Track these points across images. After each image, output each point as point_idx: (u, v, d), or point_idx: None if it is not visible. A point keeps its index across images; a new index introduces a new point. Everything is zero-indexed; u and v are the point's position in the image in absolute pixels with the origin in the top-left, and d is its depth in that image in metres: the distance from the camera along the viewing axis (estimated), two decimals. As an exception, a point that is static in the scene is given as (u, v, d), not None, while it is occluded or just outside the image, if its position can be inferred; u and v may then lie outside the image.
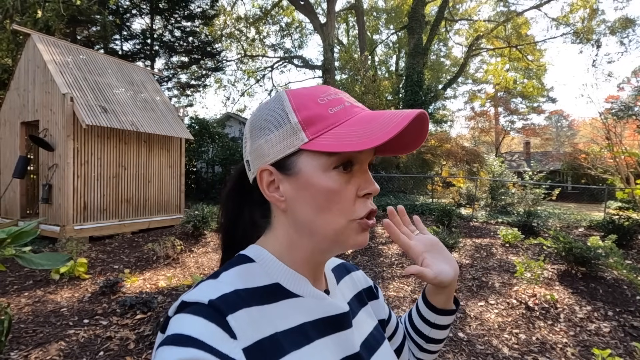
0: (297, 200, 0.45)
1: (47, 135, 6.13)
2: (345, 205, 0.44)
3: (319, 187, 0.43)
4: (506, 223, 7.79)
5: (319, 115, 0.44)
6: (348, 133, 0.42)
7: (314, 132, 0.43)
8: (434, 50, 25.55)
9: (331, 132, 0.43)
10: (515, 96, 27.58)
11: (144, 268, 4.89)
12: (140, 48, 15.98)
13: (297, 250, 0.48)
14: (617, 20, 18.84)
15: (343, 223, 0.45)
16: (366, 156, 0.47)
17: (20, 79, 6.77)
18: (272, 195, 0.47)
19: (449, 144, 11.15)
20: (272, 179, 0.46)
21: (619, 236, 5.55)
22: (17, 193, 6.79)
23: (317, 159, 0.43)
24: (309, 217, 0.45)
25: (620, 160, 7.99)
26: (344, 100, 0.46)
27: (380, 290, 0.68)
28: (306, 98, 0.46)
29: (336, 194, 0.44)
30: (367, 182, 0.46)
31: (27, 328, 3.03)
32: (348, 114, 0.44)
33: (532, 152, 26.91)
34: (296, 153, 0.44)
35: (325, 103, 0.45)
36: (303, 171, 0.44)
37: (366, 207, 0.46)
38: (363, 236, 0.47)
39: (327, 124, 0.43)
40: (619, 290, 4.00)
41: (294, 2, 18.51)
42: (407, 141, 0.50)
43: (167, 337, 0.36)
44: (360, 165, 0.46)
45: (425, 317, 0.64)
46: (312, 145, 0.42)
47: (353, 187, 0.45)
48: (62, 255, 1.39)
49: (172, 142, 7.77)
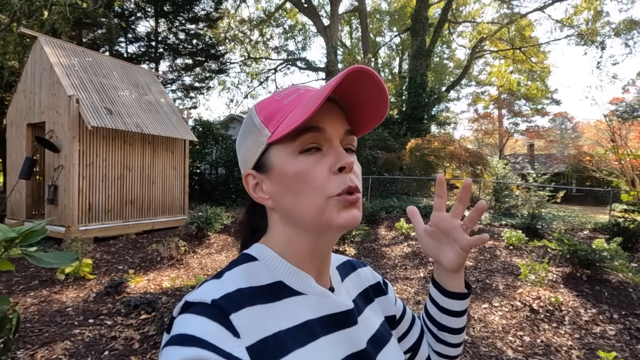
0: (277, 193, 0.47)
1: (53, 136, 6.19)
2: (319, 182, 0.44)
3: (290, 173, 0.44)
4: (510, 225, 7.76)
5: (276, 109, 0.47)
6: (297, 112, 0.43)
7: (274, 124, 0.45)
8: (437, 52, 25.55)
9: (286, 118, 0.45)
10: (519, 98, 27.50)
11: (148, 269, 4.92)
12: (145, 50, 16.12)
13: (295, 246, 0.48)
14: (621, 22, 18.77)
15: (321, 201, 0.44)
16: (333, 134, 0.46)
17: (27, 81, 6.84)
18: (258, 196, 0.49)
19: (453, 146, 11.11)
20: (255, 181, 0.49)
21: (624, 239, 5.51)
22: (23, 194, 6.86)
23: (283, 149, 0.45)
24: (292, 205, 0.46)
25: (625, 163, 7.93)
26: (298, 90, 0.48)
27: (390, 285, 0.67)
28: (266, 100, 0.49)
29: (307, 174, 0.44)
30: (339, 156, 0.45)
31: (33, 327, 3.05)
32: (302, 97, 0.46)
33: (536, 155, 26.76)
34: (267, 150, 0.47)
35: (281, 97, 0.48)
36: (275, 164, 0.46)
37: (344, 183, 0.44)
38: (348, 213, 0.44)
39: (283, 113, 0.46)
40: (624, 293, 3.97)
41: (298, 4, 18.59)
42: (370, 104, 0.48)
43: (171, 338, 0.37)
44: (330, 143, 0.45)
45: (435, 299, 0.63)
46: (273, 136, 0.45)
47: (325, 164, 0.44)
48: (70, 254, 1.41)
49: (176, 143, 7.82)
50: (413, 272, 4.95)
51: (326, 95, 0.39)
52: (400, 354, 0.56)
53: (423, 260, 5.42)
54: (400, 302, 0.67)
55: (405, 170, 12.65)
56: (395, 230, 7.29)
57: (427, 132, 14.94)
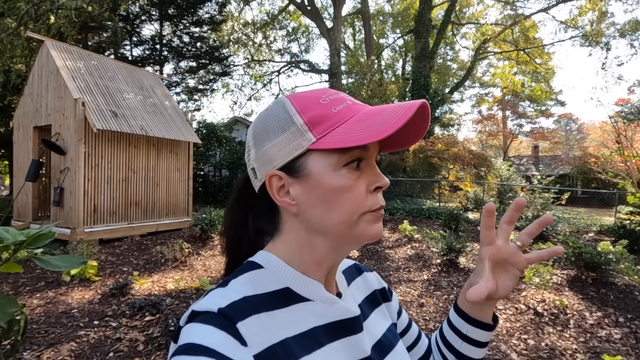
0: (309, 201, 0.45)
1: (59, 139, 6.26)
2: (358, 199, 0.44)
3: (330, 186, 0.43)
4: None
5: (323, 114, 0.44)
6: (354, 129, 0.42)
7: (321, 131, 0.43)
8: (440, 53, 25.51)
9: (337, 129, 0.43)
10: (523, 99, 27.37)
11: (153, 270, 4.95)
12: (149, 53, 16.25)
13: (308, 253, 0.47)
14: (627, 23, 18.63)
15: (356, 217, 0.44)
16: (373, 152, 0.47)
17: (34, 84, 6.93)
18: (283, 200, 0.46)
19: (456, 147, 11.09)
20: (281, 183, 0.46)
21: (630, 241, 5.47)
22: (29, 196, 6.93)
23: (326, 159, 0.43)
24: (322, 217, 0.44)
25: (631, 164, 7.87)
26: (345, 99, 0.47)
27: (395, 295, 0.66)
28: (308, 100, 0.46)
29: (348, 190, 0.44)
30: (377, 176, 0.46)
31: (39, 328, 3.09)
32: (351, 111, 0.45)
33: (541, 156, 26.62)
34: (304, 154, 0.44)
35: (327, 103, 0.45)
36: (313, 172, 0.44)
37: (377, 201, 0.46)
38: (378, 226, 0.46)
39: (332, 122, 0.44)
40: (630, 297, 3.94)
41: (301, 7, 18.65)
42: (410, 133, 0.50)
43: (179, 347, 0.37)
44: (368, 161, 0.46)
45: (456, 326, 0.59)
46: (320, 144, 0.42)
47: (364, 182, 0.45)
48: (78, 257, 1.43)
49: (181, 146, 7.87)
50: (416, 275, 4.93)
51: (397, 128, 0.40)
52: (407, 357, 0.55)
53: (426, 262, 5.41)
54: (405, 315, 0.66)
55: (408, 172, 12.63)
56: (398, 232, 7.28)
57: (430, 134, 14.91)
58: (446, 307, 3.85)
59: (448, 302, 3.98)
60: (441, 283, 4.57)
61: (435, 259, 5.46)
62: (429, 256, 5.61)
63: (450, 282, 4.58)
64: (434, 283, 4.58)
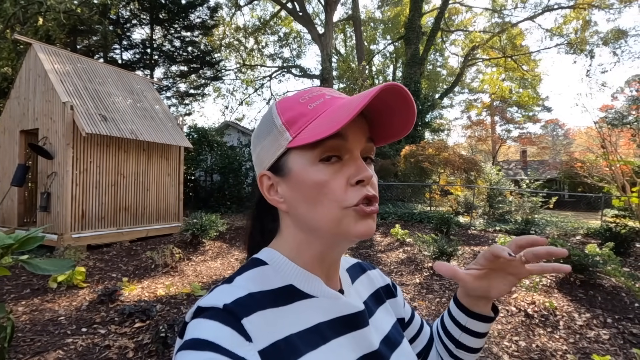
0: (294, 199, 0.46)
1: (47, 143, 6.14)
2: (336, 194, 0.43)
3: (309, 181, 0.44)
4: (504, 231, 7.82)
5: (300, 113, 0.45)
6: (323, 122, 0.42)
7: (296, 129, 0.44)
8: (430, 60, 25.88)
9: (310, 125, 0.44)
10: (511, 105, 27.88)
11: (143, 276, 4.87)
12: (140, 57, 16.14)
13: (306, 250, 0.48)
14: (609, 32, 19.23)
15: (336, 212, 0.43)
16: (355, 144, 0.45)
17: (21, 87, 6.81)
18: (272, 198, 0.48)
19: (447, 152, 11.20)
20: (270, 182, 0.48)
21: (616, 244, 5.58)
22: (15, 201, 6.77)
23: (303, 155, 0.44)
24: (308, 214, 0.45)
25: (615, 169, 8.07)
26: (324, 95, 0.47)
27: (399, 288, 0.67)
28: (290, 101, 0.48)
29: (325, 185, 0.43)
30: (358, 168, 0.44)
31: (24, 337, 3.00)
32: (327, 105, 0.45)
33: (529, 161, 27.08)
34: (286, 154, 0.45)
35: (306, 101, 0.46)
36: (293, 170, 0.45)
37: (360, 193, 0.44)
38: (364, 224, 0.44)
39: (307, 119, 0.44)
40: (617, 298, 4.01)
41: (293, 13, 18.76)
42: (396, 121, 0.48)
43: (185, 342, 0.37)
44: (351, 154, 0.45)
45: (456, 318, 0.61)
46: (295, 142, 0.44)
47: (343, 176, 0.44)
48: (67, 261, 1.40)
49: (171, 150, 7.80)
50: (409, 278, 4.95)
51: (357, 112, 0.39)
52: (414, 356, 0.56)
53: (418, 266, 5.44)
54: (408, 306, 0.67)
55: (400, 177, 12.71)
56: (390, 236, 7.30)
57: (421, 139, 15.05)
58: (439, 310, 3.87)
59: (440, 305, 4.01)
60: (433, 286, 4.59)
61: (427, 262, 5.49)
62: (421, 260, 5.64)
63: (442, 286, 4.61)
64: (426, 286, 4.60)
